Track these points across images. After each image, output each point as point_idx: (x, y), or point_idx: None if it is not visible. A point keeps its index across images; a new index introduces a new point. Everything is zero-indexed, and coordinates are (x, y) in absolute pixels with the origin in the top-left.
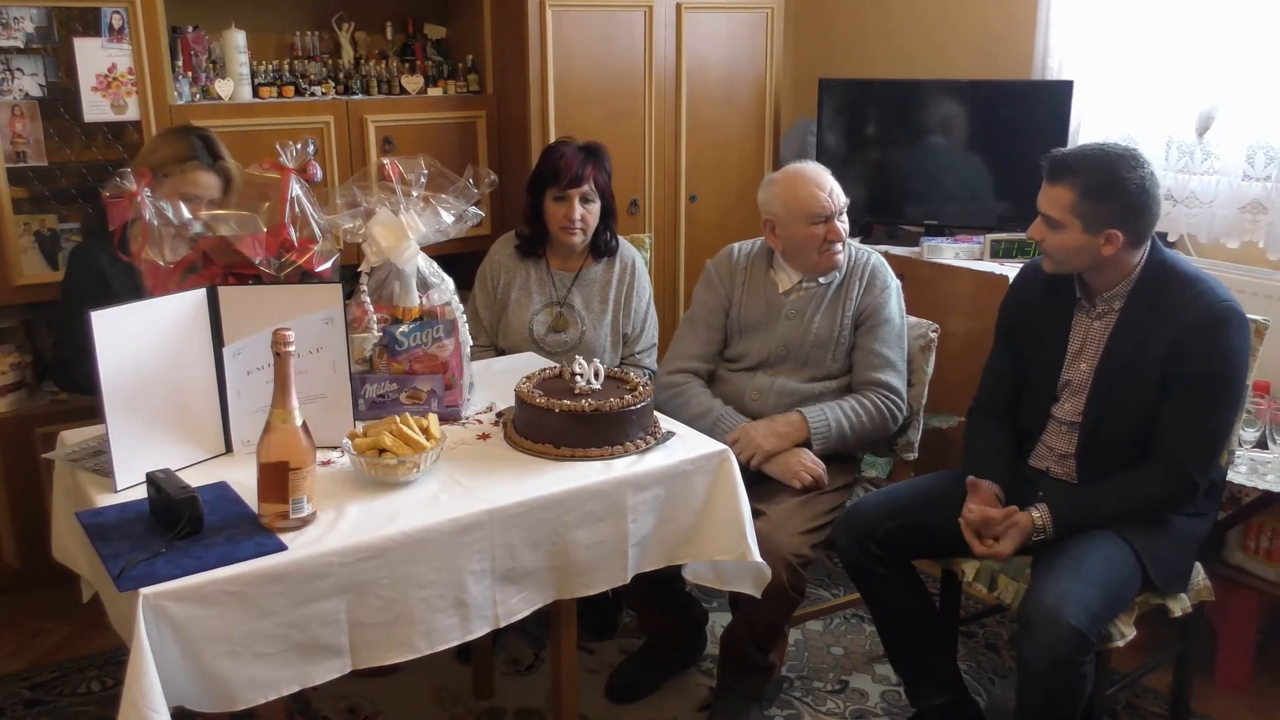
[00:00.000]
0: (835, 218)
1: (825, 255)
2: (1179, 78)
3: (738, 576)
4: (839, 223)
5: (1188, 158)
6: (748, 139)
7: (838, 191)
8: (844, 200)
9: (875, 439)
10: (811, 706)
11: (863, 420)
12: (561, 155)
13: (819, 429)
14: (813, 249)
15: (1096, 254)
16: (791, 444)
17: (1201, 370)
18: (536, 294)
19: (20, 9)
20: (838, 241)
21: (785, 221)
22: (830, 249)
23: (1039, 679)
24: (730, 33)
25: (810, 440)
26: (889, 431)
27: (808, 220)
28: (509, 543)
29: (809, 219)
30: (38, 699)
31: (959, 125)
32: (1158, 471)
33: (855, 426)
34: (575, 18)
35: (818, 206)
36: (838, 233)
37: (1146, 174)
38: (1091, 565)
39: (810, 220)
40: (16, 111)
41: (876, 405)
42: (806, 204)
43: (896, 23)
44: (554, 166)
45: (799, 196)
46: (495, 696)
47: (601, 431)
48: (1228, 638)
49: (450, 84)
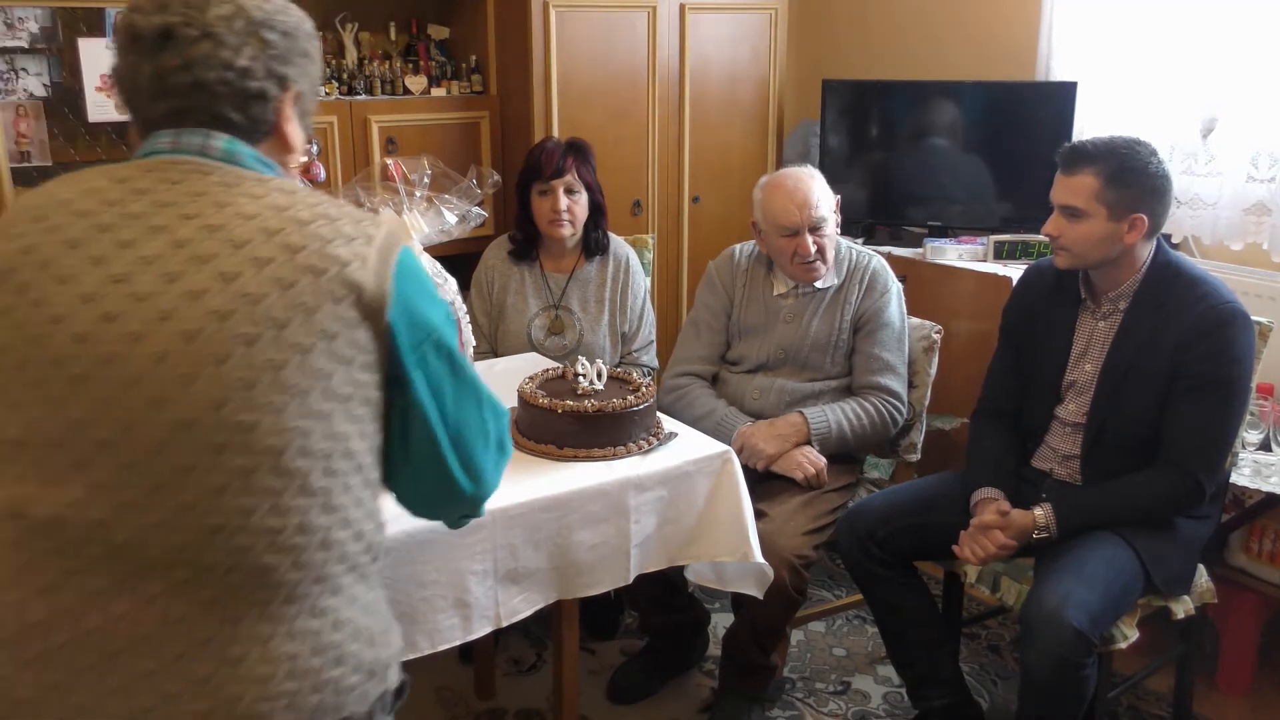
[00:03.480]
0: (804, 232)
1: (797, 267)
2: (1183, 79)
3: (740, 577)
4: (810, 237)
5: (1192, 159)
6: (751, 140)
7: (817, 205)
8: (820, 215)
9: (875, 442)
10: (813, 708)
11: (863, 423)
12: (543, 150)
13: (819, 430)
14: (785, 259)
15: (1119, 242)
16: (793, 445)
17: (1207, 372)
18: (532, 298)
19: (25, 9)
20: (807, 255)
21: (764, 228)
22: (800, 261)
23: (1041, 681)
24: (733, 34)
25: (810, 441)
26: (889, 435)
27: (778, 231)
28: (511, 543)
29: (779, 230)
30: None
31: (962, 126)
32: (1164, 473)
33: (855, 429)
34: (579, 18)
35: (786, 219)
36: (805, 248)
37: (1162, 160)
38: (1094, 567)
39: (780, 232)
40: (21, 112)
41: (877, 408)
42: (777, 215)
43: (900, 24)
44: (536, 162)
45: (772, 207)
46: (497, 697)
47: (604, 432)
48: (1230, 640)
49: (454, 84)
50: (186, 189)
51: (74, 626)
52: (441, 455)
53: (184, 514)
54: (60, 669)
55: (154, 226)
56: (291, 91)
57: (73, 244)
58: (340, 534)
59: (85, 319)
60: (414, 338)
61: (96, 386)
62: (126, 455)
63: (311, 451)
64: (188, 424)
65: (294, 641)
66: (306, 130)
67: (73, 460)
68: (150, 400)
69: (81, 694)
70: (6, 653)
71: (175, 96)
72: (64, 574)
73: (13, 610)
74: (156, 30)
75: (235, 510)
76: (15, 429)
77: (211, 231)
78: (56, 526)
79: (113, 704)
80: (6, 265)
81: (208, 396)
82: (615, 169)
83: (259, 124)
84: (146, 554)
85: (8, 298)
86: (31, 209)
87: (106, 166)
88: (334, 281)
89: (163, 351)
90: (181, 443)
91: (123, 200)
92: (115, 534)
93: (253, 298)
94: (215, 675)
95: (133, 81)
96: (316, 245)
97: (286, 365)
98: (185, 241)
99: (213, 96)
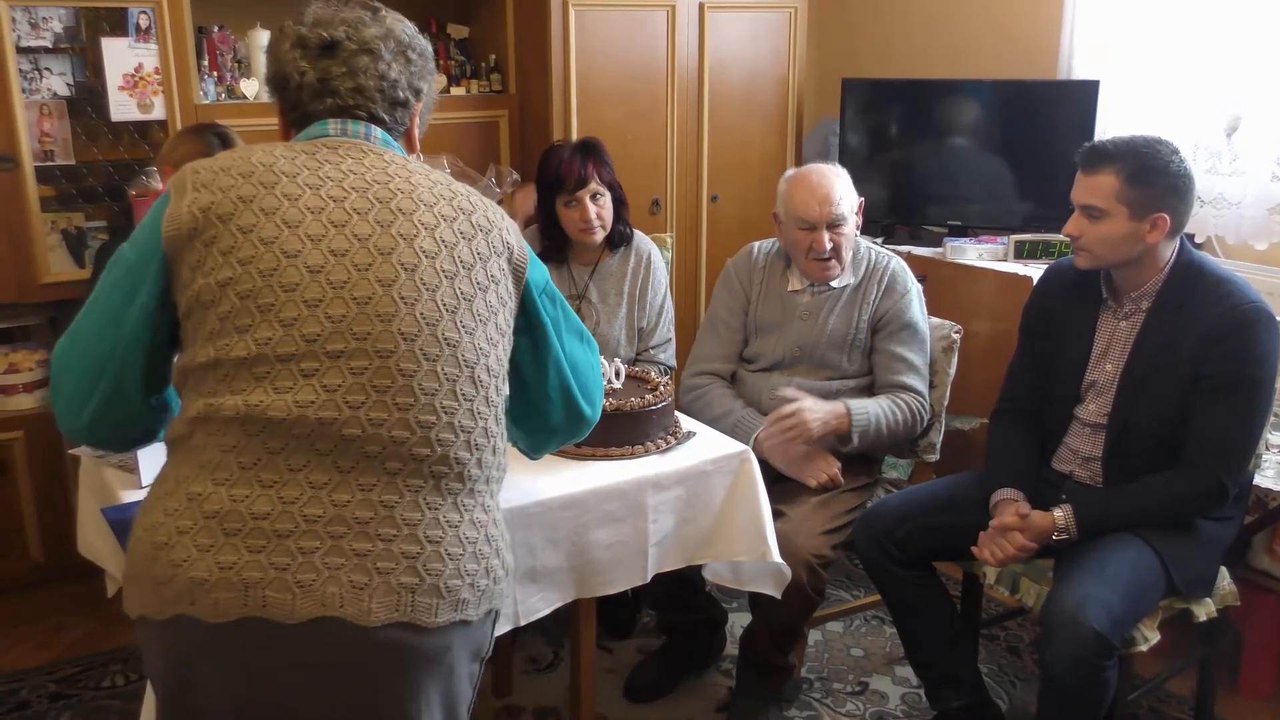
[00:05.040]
0: (821, 228)
1: (811, 263)
2: (1206, 78)
3: (757, 577)
4: (827, 234)
5: (1215, 159)
6: (770, 139)
7: (838, 203)
8: (840, 213)
9: (903, 440)
10: (831, 708)
11: (897, 419)
12: (560, 160)
13: (860, 421)
14: (800, 253)
15: (1141, 241)
16: (834, 432)
17: (1230, 372)
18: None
19: (49, 9)
20: (822, 251)
21: (783, 220)
22: (814, 257)
23: (1061, 683)
24: (753, 32)
25: (851, 431)
26: (914, 434)
27: (796, 224)
28: (529, 542)
29: (797, 223)
30: (62, 692)
31: (983, 125)
32: (1186, 475)
33: (890, 425)
34: (598, 17)
35: (805, 212)
36: (821, 243)
37: (1183, 158)
38: (1115, 569)
39: (798, 224)
40: (45, 111)
41: (908, 405)
42: (797, 208)
43: (920, 23)
44: (556, 174)
45: (793, 199)
46: (514, 694)
47: (622, 431)
48: (1252, 643)
49: (473, 83)
50: (369, 161)
51: (300, 515)
52: (569, 382)
53: (404, 410)
54: (287, 553)
55: (354, 186)
56: (422, 103)
57: (289, 196)
58: (500, 444)
59: (317, 254)
60: (539, 288)
61: (332, 306)
62: (359, 361)
63: (492, 370)
64: (411, 336)
65: (474, 530)
66: (422, 134)
67: (303, 370)
68: (381, 315)
69: (307, 573)
70: (238, 540)
71: (339, 96)
72: (289, 471)
73: (243, 504)
74: (323, 42)
75: (443, 409)
76: (242, 349)
77: (403, 193)
78: (288, 425)
79: (334, 582)
80: (225, 210)
81: (425, 316)
82: (634, 168)
83: (400, 125)
84: (368, 448)
85: (230, 238)
86: (233, 167)
87: (274, 144)
88: (496, 239)
89: (390, 278)
90: (406, 350)
91: (319, 164)
92: (347, 429)
93: (448, 244)
94: (422, 553)
95: (298, 81)
96: (481, 210)
97: (475, 299)
98: (384, 199)
99: (370, 99)
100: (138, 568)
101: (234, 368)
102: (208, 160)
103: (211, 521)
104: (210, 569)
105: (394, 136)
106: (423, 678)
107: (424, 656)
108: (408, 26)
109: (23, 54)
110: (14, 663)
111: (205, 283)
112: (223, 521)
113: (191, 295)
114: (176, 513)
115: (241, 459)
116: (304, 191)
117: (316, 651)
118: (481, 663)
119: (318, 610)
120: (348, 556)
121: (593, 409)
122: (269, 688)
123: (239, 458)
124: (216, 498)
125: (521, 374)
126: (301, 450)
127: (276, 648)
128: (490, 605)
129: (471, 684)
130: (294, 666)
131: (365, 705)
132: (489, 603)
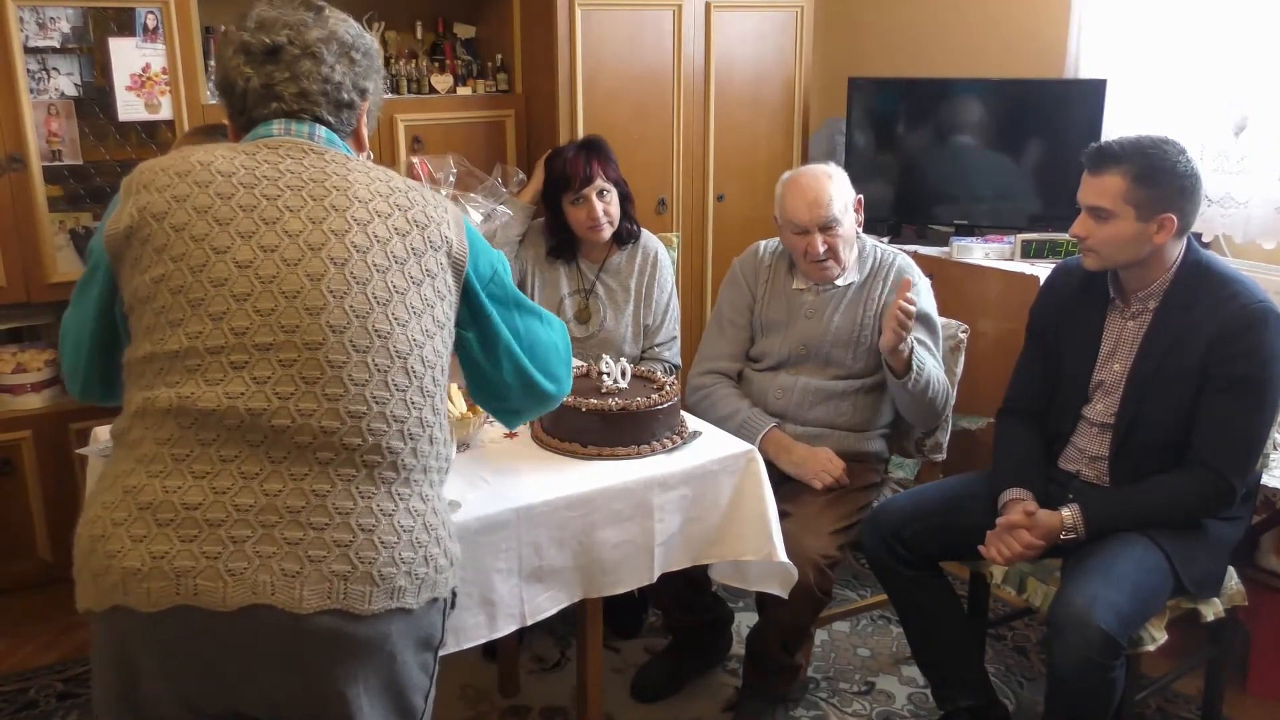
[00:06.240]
0: (814, 232)
1: (809, 265)
2: (1214, 77)
3: (764, 577)
4: (820, 237)
5: (1223, 158)
6: (776, 138)
7: (829, 205)
8: (831, 215)
9: (934, 417)
10: (837, 708)
11: (937, 390)
12: (564, 160)
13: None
14: (798, 256)
15: (1148, 242)
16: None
17: (1238, 372)
18: (565, 281)
19: (56, 9)
20: (816, 254)
21: (780, 224)
22: (810, 260)
23: (1068, 683)
24: (759, 32)
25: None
26: (942, 415)
27: (790, 228)
28: (535, 541)
29: (790, 227)
30: (70, 692)
31: (990, 124)
32: (1194, 475)
33: (935, 388)
34: (604, 17)
35: (795, 217)
36: (815, 247)
37: (1190, 158)
38: (1122, 569)
39: (791, 229)
40: (52, 110)
41: (944, 383)
42: (789, 212)
43: (926, 22)
44: (561, 173)
45: (785, 204)
46: (521, 694)
47: (628, 431)
48: (1260, 643)
49: (479, 83)
50: (308, 161)
51: (231, 505)
52: (524, 368)
53: (334, 401)
54: (218, 542)
55: (289, 185)
56: (368, 102)
57: (222, 195)
58: (439, 434)
59: (246, 250)
60: (483, 281)
61: (260, 300)
62: (287, 354)
63: (427, 361)
64: (340, 329)
65: (410, 518)
66: (370, 132)
67: (233, 362)
68: (309, 309)
69: (238, 561)
70: (170, 530)
71: (283, 100)
72: (220, 461)
73: (175, 495)
74: (265, 48)
75: (374, 399)
76: (174, 343)
77: (339, 190)
78: (219, 416)
79: (265, 570)
80: (160, 209)
81: (355, 308)
82: (640, 167)
83: (346, 125)
84: (298, 438)
85: (164, 236)
86: (171, 167)
87: (219, 144)
88: (434, 234)
89: (319, 273)
90: (335, 342)
91: (256, 164)
92: (276, 419)
93: (381, 239)
94: (354, 541)
95: (242, 87)
96: (419, 206)
97: (408, 292)
98: (319, 196)
99: (314, 103)
100: (79, 562)
101: (167, 361)
102: (152, 161)
103: (145, 512)
104: (143, 559)
105: (340, 136)
106: (359, 665)
107: (360, 643)
108: (351, 26)
109: (30, 54)
110: (22, 662)
111: (142, 279)
112: (155, 512)
113: (131, 291)
114: (113, 505)
115: (175, 451)
116: (237, 190)
117: (251, 639)
118: (435, 652)
119: (249, 598)
120: (279, 545)
121: (557, 385)
122: (209, 675)
123: (172, 450)
124: (150, 489)
125: (475, 365)
126: (233, 441)
127: (211, 636)
128: (433, 594)
129: (426, 673)
130: (230, 654)
131: (305, 692)
132: (431, 591)
